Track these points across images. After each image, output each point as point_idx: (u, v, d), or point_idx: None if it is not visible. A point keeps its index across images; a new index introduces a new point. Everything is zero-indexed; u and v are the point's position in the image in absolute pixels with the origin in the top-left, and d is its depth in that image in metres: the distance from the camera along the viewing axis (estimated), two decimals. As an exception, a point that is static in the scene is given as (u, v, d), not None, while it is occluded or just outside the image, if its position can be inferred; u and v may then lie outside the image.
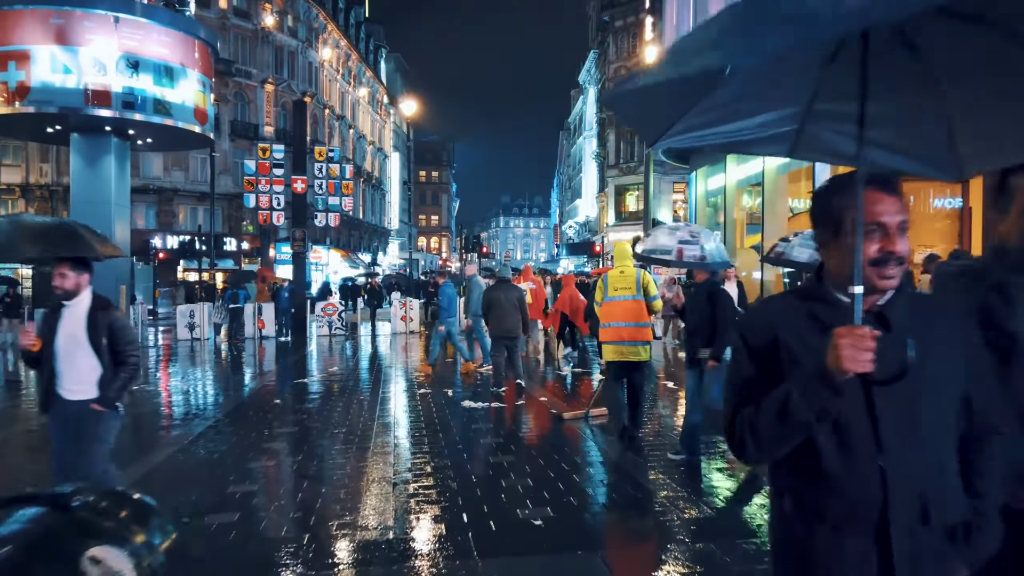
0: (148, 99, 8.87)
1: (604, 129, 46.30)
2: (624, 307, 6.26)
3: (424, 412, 7.97)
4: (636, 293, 6.26)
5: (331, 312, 19.70)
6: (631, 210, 42.02)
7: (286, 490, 5.25)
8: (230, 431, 7.16)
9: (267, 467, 5.85)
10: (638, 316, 6.26)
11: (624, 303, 6.26)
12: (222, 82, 38.97)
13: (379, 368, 12.31)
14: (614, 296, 6.30)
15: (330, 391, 9.77)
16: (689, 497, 4.79)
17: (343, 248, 49.38)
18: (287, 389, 10.08)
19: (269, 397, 9.28)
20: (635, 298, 6.25)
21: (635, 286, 6.27)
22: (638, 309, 6.26)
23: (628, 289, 6.28)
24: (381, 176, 63.74)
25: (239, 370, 12.77)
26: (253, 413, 8.17)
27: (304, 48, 44.67)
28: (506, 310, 8.51)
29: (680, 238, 5.92)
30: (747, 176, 16.75)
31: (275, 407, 8.45)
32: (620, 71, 41.80)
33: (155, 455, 6.21)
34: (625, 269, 6.38)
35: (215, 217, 39.11)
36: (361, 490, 5.05)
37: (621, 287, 6.29)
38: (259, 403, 8.82)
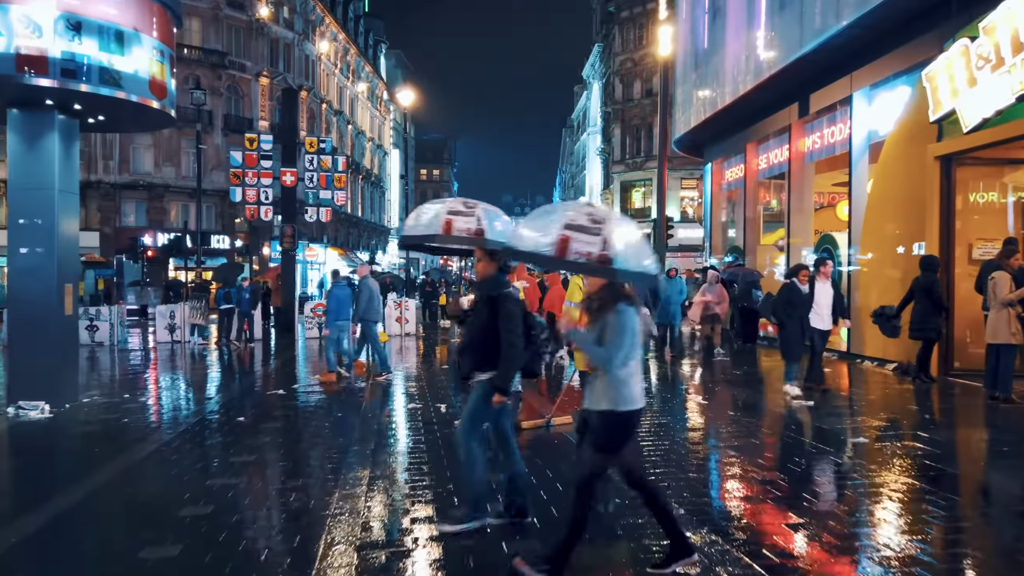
0: (93, 67, 7.57)
1: (609, 124, 45.05)
2: None
3: (414, 432, 6.75)
4: None
5: (322, 312, 18.43)
6: (637, 207, 40.77)
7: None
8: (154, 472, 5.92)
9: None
10: None
11: None
12: (215, 75, 37.82)
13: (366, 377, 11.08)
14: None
15: (304, 409, 8.54)
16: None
17: (340, 246, 48.14)
18: (249, 405, 8.85)
19: (228, 415, 8.06)
20: None
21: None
22: None
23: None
24: (381, 173, 62.53)
25: (206, 379, 11.54)
26: (208, 433, 6.95)
27: (300, 41, 43.44)
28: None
29: (450, 208, 4.46)
30: (770, 167, 15.47)
31: (235, 426, 7.22)
32: (626, 64, 40.60)
33: (70, 495, 4.96)
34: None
35: (206, 214, 38.07)
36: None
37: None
38: (206, 427, 7.59)
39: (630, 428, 3.33)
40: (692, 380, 10.26)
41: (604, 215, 3.18)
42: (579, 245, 3.01)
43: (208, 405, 8.64)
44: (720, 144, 18.00)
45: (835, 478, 5.40)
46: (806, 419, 7.31)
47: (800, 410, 7.69)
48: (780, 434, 6.93)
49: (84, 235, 35.94)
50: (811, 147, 13.58)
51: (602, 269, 3.05)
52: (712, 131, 17.62)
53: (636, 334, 3.22)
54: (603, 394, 3.23)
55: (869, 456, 5.81)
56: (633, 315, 3.23)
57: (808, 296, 8.18)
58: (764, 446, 6.32)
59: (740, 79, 14.69)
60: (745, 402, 8.54)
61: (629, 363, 3.22)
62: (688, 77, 18.35)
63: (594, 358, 3.25)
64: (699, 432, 6.99)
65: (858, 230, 11.71)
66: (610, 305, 3.25)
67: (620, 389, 3.22)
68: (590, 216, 3.12)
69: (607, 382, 3.23)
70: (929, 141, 9.77)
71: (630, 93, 40.33)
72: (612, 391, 3.22)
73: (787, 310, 8.13)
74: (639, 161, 39.96)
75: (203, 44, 37.89)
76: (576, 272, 3.79)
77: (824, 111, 12.91)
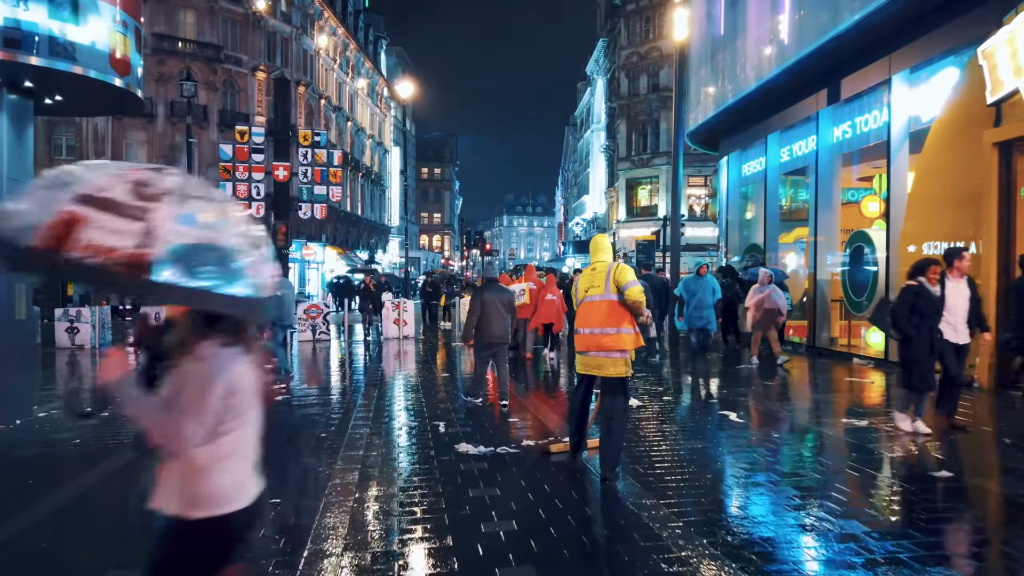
0: (43, 36, 6.58)
1: (614, 120, 44.01)
2: (594, 309, 5.25)
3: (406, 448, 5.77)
4: (605, 292, 5.22)
5: (315, 315, 17.47)
6: (643, 205, 39.76)
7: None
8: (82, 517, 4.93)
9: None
10: (608, 319, 5.18)
11: (594, 304, 5.26)
12: (210, 69, 36.86)
13: (354, 387, 10.08)
14: (585, 297, 5.38)
15: (302, 420, 7.56)
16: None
17: (340, 245, 47.17)
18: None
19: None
20: (604, 297, 5.22)
21: (604, 283, 5.25)
22: (610, 311, 5.19)
23: (597, 288, 5.28)
24: (381, 171, 61.56)
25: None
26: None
27: (298, 35, 42.46)
28: (495, 315, 7.90)
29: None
30: (793, 159, 14.45)
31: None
32: (632, 58, 39.54)
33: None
34: (597, 265, 5.40)
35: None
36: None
37: (591, 286, 5.34)
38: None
39: (222, 545, 2.08)
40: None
41: (172, 186, 1.81)
42: (95, 233, 1.66)
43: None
44: (737, 136, 16.99)
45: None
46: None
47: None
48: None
49: (75, 233, 35.28)
50: (841, 137, 12.57)
51: (126, 279, 1.67)
52: (729, 123, 16.60)
53: (239, 392, 2.00)
54: (176, 490, 2.01)
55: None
56: (230, 362, 1.99)
57: (939, 300, 6.39)
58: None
59: (762, 65, 13.68)
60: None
61: (221, 439, 1.99)
62: (703, 66, 17.35)
63: (154, 431, 1.90)
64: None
65: (897, 227, 10.69)
66: (191, 344, 1.98)
67: (203, 482, 2.00)
68: (141, 185, 1.77)
69: (183, 469, 2.00)
70: (985, 126, 8.76)
71: (636, 88, 39.31)
72: (190, 485, 2.00)
73: (913, 319, 6.30)
74: (645, 158, 38.91)
75: (198, 37, 36.93)
76: (90, 283, 1.85)
77: (857, 97, 11.90)
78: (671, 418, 7.52)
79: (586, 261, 29.04)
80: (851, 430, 6.73)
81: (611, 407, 5.13)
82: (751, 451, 6.04)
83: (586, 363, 5.27)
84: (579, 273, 6.46)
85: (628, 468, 5.39)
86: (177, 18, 36.38)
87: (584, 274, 5.46)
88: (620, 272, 5.20)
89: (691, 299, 9.67)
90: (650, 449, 6.07)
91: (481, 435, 6.53)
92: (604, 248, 5.52)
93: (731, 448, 6.18)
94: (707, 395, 8.79)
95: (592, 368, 5.22)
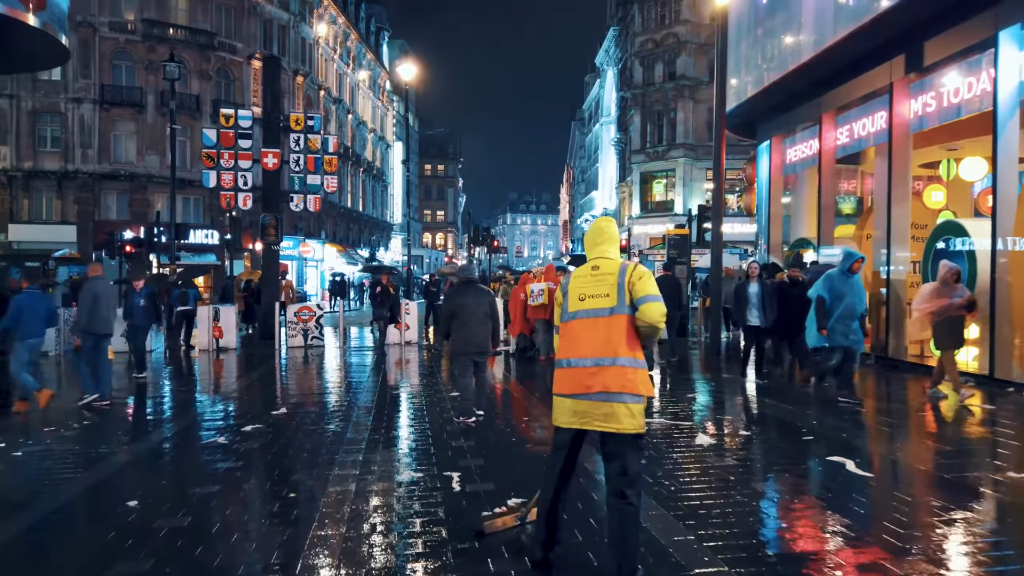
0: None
1: (626, 112, 42.06)
2: (597, 329, 3.44)
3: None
4: (616, 303, 3.44)
5: (307, 317, 15.62)
6: (658, 199, 37.81)
7: None
8: None
9: None
10: (617, 346, 3.38)
11: (597, 323, 3.45)
12: (203, 57, 35.04)
13: (342, 412, 8.23)
14: (578, 311, 3.54)
15: (252, 460, 5.72)
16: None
17: (340, 242, 45.34)
18: (186, 456, 6.03)
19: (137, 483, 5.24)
20: (614, 312, 3.43)
21: (615, 290, 3.46)
22: (619, 332, 3.41)
23: (603, 297, 3.48)
24: (383, 166, 59.73)
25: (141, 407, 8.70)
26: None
27: (296, 22, 40.61)
28: (473, 320, 6.90)
29: None
30: (856, 140, 12.54)
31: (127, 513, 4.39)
32: (647, 45, 37.57)
33: None
34: (601, 264, 3.59)
35: (193, 206, 35.36)
36: None
37: (591, 294, 3.53)
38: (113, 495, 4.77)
39: None
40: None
41: None
42: None
43: (114, 458, 5.81)
44: (782, 117, 15.07)
45: None
46: None
47: None
48: None
49: (60, 229, 33.43)
50: (921, 111, 10.67)
51: None
52: (773, 101, 14.68)
53: None
54: None
55: None
56: None
57: None
58: None
59: (822, 30, 11.77)
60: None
61: None
62: (743, 39, 15.41)
63: None
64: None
65: (1008, 216, 8.80)
66: None
67: None
68: None
69: None
70: None
71: (651, 76, 37.37)
72: None
73: None
74: (661, 150, 36.97)
75: (190, 23, 35.13)
76: None
77: (945, 62, 10.00)
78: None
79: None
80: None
81: (625, 479, 3.36)
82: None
83: (582, 411, 3.42)
84: (562, 273, 4.35)
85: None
86: (168, 3, 34.56)
87: (577, 276, 3.64)
88: (639, 278, 3.44)
89: (836, 304, 7.47)
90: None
91: (506, 482, 4.65)
92: (610, 237, 3.70)
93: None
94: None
95: (593, 419, 3.39)
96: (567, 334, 3.54)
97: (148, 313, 10.53)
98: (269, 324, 16.10)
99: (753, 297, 9.20)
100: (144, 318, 10.48)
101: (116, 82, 33.50)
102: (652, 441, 6.16)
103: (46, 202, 33.03)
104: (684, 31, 35.94)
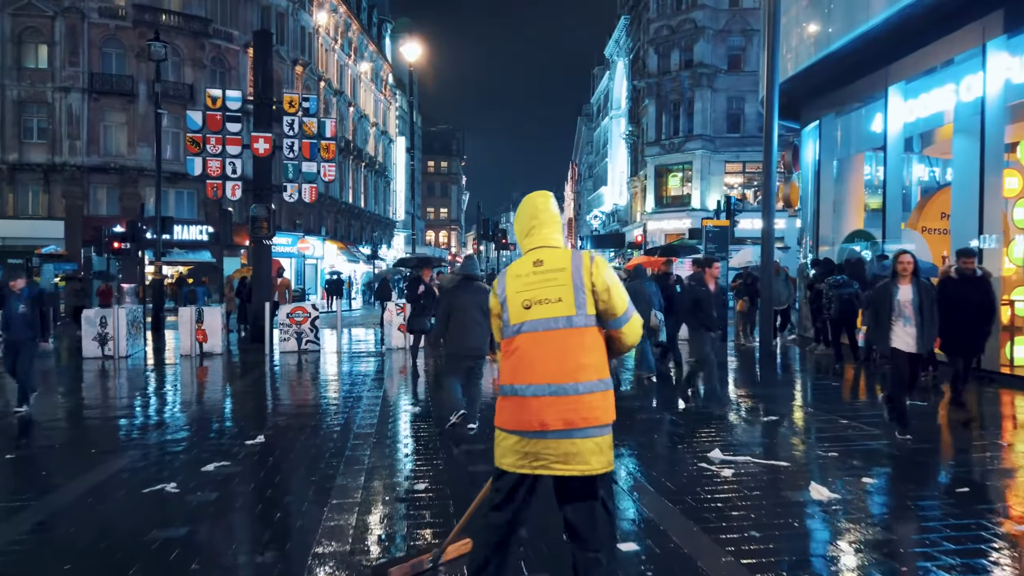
0: None
1: (639, 103, 40.37)
2: (545, 346, 2.59)
3: None
4: (575, 312, 2.60)
5: (300, 319, 14.01)
6: (674, 194, 36.12)
7: None
8: None
9: None
10: (578, 367, 2.57)
11: (544, 338, 2.60)
12: (197, 44, 33.44)
13: (332, 448, 6.63)
14: (524, 323, 2.65)
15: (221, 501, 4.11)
16: None
17: (341, 239, 43.74)
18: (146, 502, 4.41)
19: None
20: (572, 323, 2.60)
21: (570, 293, 2.61)
22: (579, 348, 2.59)
23: (554, 303, 2.61)
24: (386, 162, 58.13)
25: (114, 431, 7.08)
26: None
27: (295, 10, 39.00)
28: (469, 321, 6.36)
29: None
30: (931, 116, 10.87)
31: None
32: (662, 31, 35.87)
33: None
34: (546, 256, 2.70)
35: (187, 200, 33.74)
36: None
37: (538, 299, 2.63)
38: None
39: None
40: None
41: None
42: None
43: (61, 493, 4.20)
44: (833, 95, 13.40)
45: None
46: None
47: None
48: None
49: (47, 224, 31.74)
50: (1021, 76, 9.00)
51: None
52: (823, 76, 12.99)
53: None
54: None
55: None
56: None
57: None
58: None
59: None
60: None
61: None
62: (791, 6, 13.68)
63: None
64: None
65: None
66: None
67: None
68: None
69: None
70: None
71: (667, 65, 35.67)
72: None
73: None
74: (677, 142, 35.26)
75: (183, 9, 33.56)
76: None
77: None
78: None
79: (606, 258, 23.28)
80: None
81: (594, 534, 2.59)
82: None
83: (533, 452, 2.60)
84: (500, 276, 3.02)
85: None
86: None
87: (516, 276, 2.74)
88: (603, 278, 2.65)
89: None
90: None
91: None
92: (551, 218, 2.82)
93: None
94: None
95: (549, 462, 2.58)
96: (512, 353, 2.68)
97: (30, 323, 7.83)
98: (260, 326, 14.52)
99: (905, 306, 6.00)
100: (25, 329, 7.81)
101: (106, 70, 31.94)
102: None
103: (32, 196, 31.50)
104: (702, 16, 34.23)
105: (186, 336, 13.38)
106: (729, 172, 34.91)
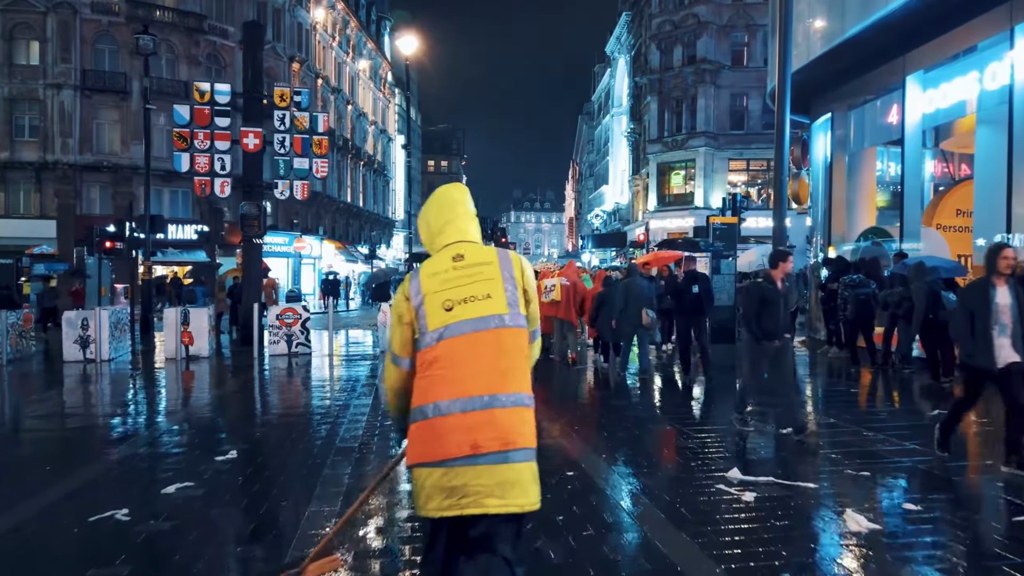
0: None
1: (641, 100, 39.79)
2: (475, 350, 2.14)
3: None
4: (508, 310, 2.21)
5: (291, 321, 13.46)
6: (677, 192, 35.55)
7: None
8: None
9: None
10: (515, 374, 2.18)
11: (474, 340, 2.15)
12: (191, 40, 32.91)
13: (327, 444, 6.07)
14: (447, 326, 2.17)
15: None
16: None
17: (339, 239, 43.20)
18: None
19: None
20: (505, 322, 2.19)
21: (500, 288, 2.23)
22: (515, 352, 2.21)
23: (484, 300, 2.20)
24: (385, 161, 57.56)
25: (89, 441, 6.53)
26: None
27: (292, 6, 38.46)
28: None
29: None
30: (951, 105, 10.31)
31: None
32: (664, 27, 35.28)
33: None
34: (467, 251, 2.30)
35: (182, 199, 33.19)
36: None
37: (464, 297, 2.20)
38: None
39: None
40: None
41: None
42: None
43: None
44: (846, 86, 12.84)
45: None
46: None
47: None
48: None
49: (39, 224, 31.15)
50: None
51: None
52: (836, 66, 12.43)
53: None
54: None
55: None
56: None
57: None
58: None
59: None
60: None
61: None
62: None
63: None
64: None
65: None
66: None
67: None
68: None
69: None
70: None
71: (669, 61, 35.06)
72: None
73: None
74: (680, 139, 34.67)
75: (178, 5, 33.02)
76: None
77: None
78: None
79: (607, 256, 24.49)
80: None
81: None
82: None
83: (461, 486, 2.08)
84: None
85: None
86: None
87: (432, 275, 2.28)
88: (528, 273, 2.33)
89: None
90: None
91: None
92: (468, 212, 2.43)
93: None
94: None
95: (482, 496, 2.07)
96: (429, 366, 2.19)
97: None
98: (248, 328, 13.97)
99: (1004, 311, 4.93)
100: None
101: (99, 67, 31.41)
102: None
103: (23, 195, 30.97)
104: (705, 11, 33.62)
105: (171, 339, 12.85)
106: (733, 170, 34.32)
